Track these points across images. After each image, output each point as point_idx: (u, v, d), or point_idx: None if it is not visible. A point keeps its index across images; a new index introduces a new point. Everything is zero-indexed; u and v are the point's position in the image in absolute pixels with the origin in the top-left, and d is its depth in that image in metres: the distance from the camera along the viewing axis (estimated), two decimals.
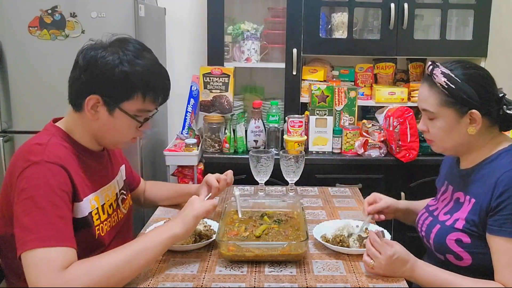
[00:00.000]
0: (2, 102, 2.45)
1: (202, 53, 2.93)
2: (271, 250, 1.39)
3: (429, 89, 1.44)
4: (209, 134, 2.66)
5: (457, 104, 1.40)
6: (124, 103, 1.36)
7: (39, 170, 1.24)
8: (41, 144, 1.31)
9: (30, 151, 1.29)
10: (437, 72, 1.41)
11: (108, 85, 1.33)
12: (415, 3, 2.72)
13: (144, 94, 1.36)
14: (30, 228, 1.18)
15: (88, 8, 2.37)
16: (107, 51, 1.33)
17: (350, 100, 2.72)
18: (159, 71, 1.41)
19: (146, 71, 1.35)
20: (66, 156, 1.33)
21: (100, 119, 1.37)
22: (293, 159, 1.92)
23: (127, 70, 1.32)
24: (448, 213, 1.49)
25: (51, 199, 1.22)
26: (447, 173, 1.62)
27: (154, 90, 1.38)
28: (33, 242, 1.17)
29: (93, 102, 1.34)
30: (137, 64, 1.34)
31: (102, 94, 1.34)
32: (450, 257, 1.43)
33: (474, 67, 1.44)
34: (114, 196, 1.55)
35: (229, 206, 1.68)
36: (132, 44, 1.38)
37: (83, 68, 1.34)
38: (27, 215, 1.20)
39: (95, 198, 1.42)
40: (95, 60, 1.32)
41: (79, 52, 1.37)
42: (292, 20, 2.71)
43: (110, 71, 1.32)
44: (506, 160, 1.39)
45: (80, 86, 1.35)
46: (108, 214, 1.49)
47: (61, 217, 1.22)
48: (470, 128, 1.41)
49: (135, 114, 1.38)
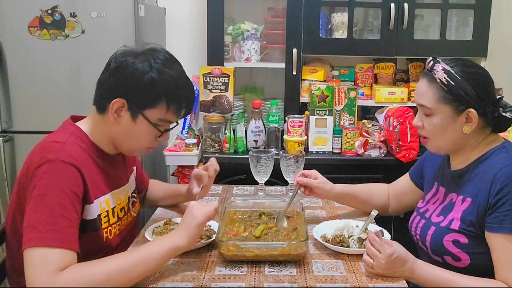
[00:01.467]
0: (2, 102, 2.45)
1: (202, 53, 2.93)
2: (271, 250, 1.39)
3: (428, 84, 1.44)
4: (209, 134, 2.66)
5: (454, 101, 1.40)
6: (147, 110, 1.37)
7: (53, 169, 1.25)
8: (58, 142, 1.32)
9: (47, 148, 1.30)
10: (438, 68, 1.41)
11: (135, 90, 1.35)
12: (415, 3, 2.73)
13: (168, 104, 1.37)
14: (35, 226, 1.19)
15: (88, 8, 2.37)
16: (138, 58, 1.36)
17: (350, 100, 2.72)
18: (186, 83, 1.42)
19: (173, 81, 1.37)
20: (81, 157, 1.34)
21: (121, 123, 1.39)
22: (293, 159, 1.92)
23: (155, 78, 1.34)
24: (441, 214, 1.48)
25: (60, 200, 1.22)
26: (435, 174, 1.61)
27: (178, 101, 1.40)
28: (35, 240, 1.17)
29: (118, 105, 1.36)
30: (165, 73, 1.36)
31: (127, 99, 1.35)
32: (448, 258, 1.43)
33: (474, 66, 1.44)
34: (126, 200, 1.56)
35: (229, 206, 1.68)
36: (163, 54, 1.40)
37: (113, 72, 1.36)
38: (34, 212, 1.21)
39: (106, 200, 1.43)
40: (126, 65, 1.35)
41: (111, 56, 1.40)
42: (292, 20, 2.71)
43: (139, 76, 1.34)
44: (501, 157, 1.39)
45: (108, 89, 1.37)
46: (118, 217, 1.49)
47: (67, 219, 1.22)
48: (465, 127, 1.41)
49: (156, 123, 1.40)
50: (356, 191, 1.78)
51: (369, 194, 1.79)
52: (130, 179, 1.61)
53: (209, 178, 1.70)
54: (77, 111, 1.54)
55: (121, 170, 1.55)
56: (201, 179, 1.69)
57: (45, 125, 2.43)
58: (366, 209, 1.79)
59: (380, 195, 1.79)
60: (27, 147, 2.55)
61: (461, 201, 1.44)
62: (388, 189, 1.81)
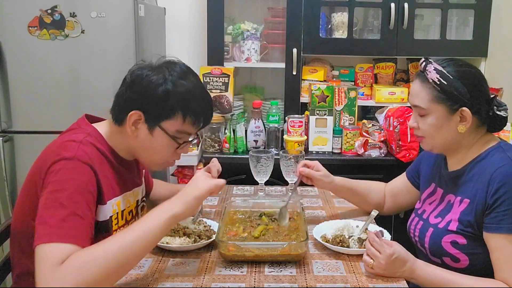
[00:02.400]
0: (2, 102, 2.45)
1: (202, 53, 2.92)
2: (271, 250, 1.39)
3: (421, 84, 1.45)
4: (209, 134, 2.66)
5: (448, 100, 1.40)
6: (164, 122, 1.37)
7: (69, 167, 1.25)
8: (75, 141, 1.32)
9: (64, 147, 1.30)
10: (430, 69, 1.42)
11: (150, 102, 1.35)
12: (415, 3, 2.73)
13: (184, 115, 1.37)
14: (48, 222, 1.18)
15: (88, 8, 2.37)
16: (154, 71, 1.37)
17: (350, 100, 2.72)
18: (202, 94, 1.42)
19: (187, 92, 1.37)
20: (97, 157, 1.33)
21: (139, 136, 1.38)
22: (293, 159, 1.92)
23: (170, 89, 1.35)
24: (439, 215, 1.48)
25: (74, 197, 1.22)
26: (432, 174, 1.61)
27: (194, 112, 1.39)
28: (47, 236, 1.16)
29: (135, 118, 1.36)
30: (180, 85, 1.36)
31: (144, 111, 1.36)
32: (446, 259, 1.43)
33: (466, 65, 1.45)
34: (134, 203, 1.55)
35: (229, 206, 1.68)
36: (179, 66, 1.41)
37: (129, 85, 1.37)
38: (48, 209, 1.20)
39: (117, 202, 1.42)
40: (141, 78, 1.36)
41: (129, 70, 1.41)
42: (292, 20, 2.71)
43: (154, 89, 1.34)
44: (497, 157, 1.40)
45: (125, 102, 1.38)
46: (126, 220, 1.48)
47: (81, 217, 1.21)
48: (460, 126, 1.42)
49: (174, 135, 1.39)
50: (354, 186, 1.79)
51: (366, 190, 1.79)
52: (142, 184, 1.61)
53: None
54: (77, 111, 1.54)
55: (134, 173, 1.55)
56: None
57: (45, 125, 2.44)
58: (362, 205, 1.80)
59: (377, 193, 1.80)
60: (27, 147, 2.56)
61: (459, 202, 1.44)
62: (385, 188, 1.81)
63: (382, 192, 1.80)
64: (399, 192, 1.77)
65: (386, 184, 1.83)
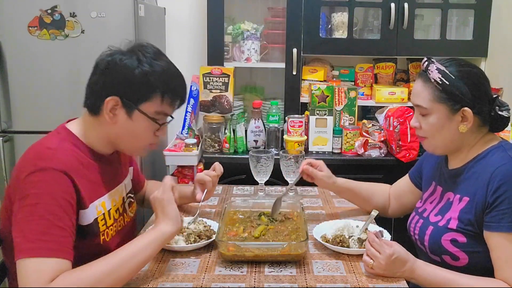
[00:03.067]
0: (2, 102, 2.45)
1: (202, 53, 2.93)
2: (271, 250, 1.39)
3: (423, 84, 1.45)
4: (209, 134, 2.66)
5: (449, 100, 1.40)
6: (142, 104, 1.36)
7: (45, 178, 1.24)
8: (50, 149, 1.31)
9: (39, 155, 1.29)
10: (432, 68, 1.42)
11: (128, 86, 1.34)
12: (415, 3, 2.73)
13: (163, 95, 1.37)
14: (28, 236, 1.18)
15: (88, 8, 2.37)
16: (126, 55, 1.36)
17: (350, 100, 2.72)
18: (177, 73, 1.43)
19: (164, 71, 1.37)
20: (74, 163, 1.32)
21: (118, 122, 1.37)
22: (293, 159, 1.92)
23: (147, 70, 1.34)
24: (439, 213, 1.49)
25: (52, 209, 1.21)
26: (433, 173, 1.62)
27: (172, 91, 1.39)
28: (29, 251, 1.16)
29: (112, 104, 1.35)
30: (156, 65, 1.36)
31: (120, 96, 1.35)
32: (446, 258, 1.43)
33: (468, 65, 1.45)
34: (121, 201, 1.55)
35: (229, 206, 1.68)
36: (150, 48, 1.40)
37: (102, 72, 1.36)
38: (27, 222, 1.19)
39: (102, 203, 1.42)
40: (115, 63, 1.35)
41: (97, 58, 1.39)
42: (292, 20, 2.71)
43: (130, 72, 1.33)
44: (497, 156, 1.40)
45: (99, 89, 1.36)
46: (114, 219, 1.48)
47: (61, 228, 1.21)
48: (461, 126, 1.42)
49: (153, 116, 1.39)
50: (357, 188, 1.79)
51: (370, 192, 1.79)
52: (125, 179, 1.60)
53: (213, 184, 1.70)
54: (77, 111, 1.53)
55: (116, 169, 1.54)
56: (205, 184, 1.69)
57: (45, 125, 2.42)
58: (365, 207, 1.79)
59: (381, 195, 1.79)
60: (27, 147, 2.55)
61: (458, 200, 1.44)
62: (389, 190, 1.81)
63: (386, 195, 1.80)
64: (403, 193, 1.76)
65: (390, 186, 1.83)
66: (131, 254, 1.25)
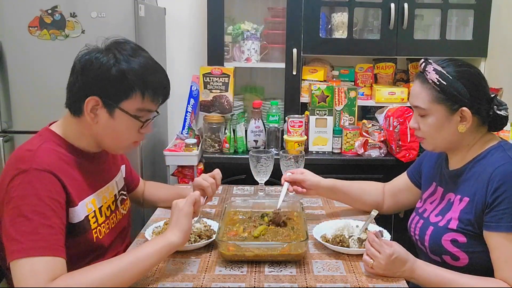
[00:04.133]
0: (2, 102, 2.45)
1: (202, 53, 2.93)
2: (271, 250, 1.39)
3: (421, 85, 1.46)
4: (209, 134, 2.66)
5: (448, 100, 1.41)
6: (123, 103, 1.34)
7: (27, 179, 1.23)
8: (30, 151, 1.29)
9: (20, 158, 1.28)
10: (429, 69, 1.43)
11: (106, 85, 1.33)
12: (415, 3, 2.73)
13: (143, 92, 1.35)
14: (16, 238, 1.17)
15: (88, 8, 2.37)
16: (103, 53, 1.34)
17: (350, 100, 2.72)
18: (156, 68, 1.40)
19: (142, 68, 1.35)
20: (57, 161, 1.31)
21: (100, 122, 1.36)
22: (293, 159, 1.92)
23: (124, 68, 1.32)
24: (440, 214, 1.49)
25: (38, 209, 1.20)
26: (434, 174, 1.62)
27: (152, 88, 1.37)
28: (19, 252, 1.16)
29: (92, 104, 1.33)
30: (133, 62, 1.34)
31: (100, 95, 1.33)
32: (446, 258, 1.43)
33: (466, 65, 1.45)
34: (112, 198, 1.54)
35: (229, 206, 1.68)
36: (128, 45, 1.39)
37: (80, 72, 1.34)
38: (13, 225, 1.18)
39: (92, 201, 1.41)
40: (91, 62, 1.33)
41: (75, 58, 1.37)
42: (292, 20, 2.71)
43: (107, 71, 1.32)
44: (497, 156, 1.40)
45: (78, 90, 1.35)
46: (106, 216, 1.47)
47: (49, 226, 1.20)
48: (460, 126, 1.42)
49: (136, 114, 1.37)
50: (345, 187, 1.78)
51: (360, 191, 1.79)
52: (116, 177, 1.59)
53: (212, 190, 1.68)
54: None
55: (105, 167, 1.53)
56: (204, 190, 1.66)
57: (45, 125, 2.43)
58: (358, 206, 1.80)
59: (373, 194, 1.79)
60: None
61: (459, 201, 1.44)
62: (384, 188, 1.81)
63: (379, 192, 1.80)
64: (399, 191, 1.77)
65: (385, 184, 1.83)
66: (136, 260, 1.24)
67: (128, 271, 1.22)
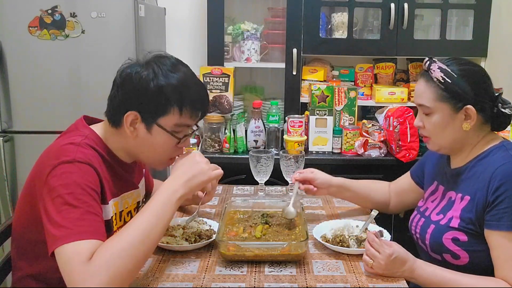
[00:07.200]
0: (2, 102, 2.45)
1: (202, 53, 2.92)
2: (271, 250, 1.39)
3: (425, 84, 1.46)
4: (209, 134, 2.66)
5: (452, 99, 1.41)
6: (161, 118, 1.34)
7: (70, 169, 1.24)
8: (73, 144, 1.30)
9: (62, 151, 1.29)
10: (434, 67, 1.43)
11: (144, 100, 1.33)
12: (415, 3, 2.73)
13: (180, 108, 1.34)
14: (62, 224, 1.17)
15: (88, 8, 2.37)
16: (143, 68, 1.34)
17: (350, 100, 2.72)
18: (195, 84, 1.40)
19: (180, 84, 1.34)
20: (95, 159, 1.32)
21: (138, 136, 1.36)
22: (293, 159, 1.92)
23: (162, 84, 1.32)
24: (441, 212, 1.49)
25: (83, 197, 1.21)
26: (435, 172, 1.62)
27: (190, 103, 1.36)
28: (65, 238, 1.15)
29: (132, 118, 1.34)
30: (171, 77, 1.33)
31: (139, 110, 1.33)
32: (447, 256, 1.43)
33: (470, 64, 1.46)
34: (134, 205, 1.54)
35: (229, 206, 1.68)
36: (168, 59, 1.38)
37: (120, 86, 1.35)
38: (59, 213, 1.19)
39: (115, 203, 1.42)
40: (130, 77, 1.33)
41: (117, 71, 1.38)
42: (292, 20, 2.71)
43: (145, 85, 1.32)
44: (498, 156, 1.41)
45: (118, 103, 1.35)
46: (125, 221, 1.46)
47: (92, 213, 1.21)
48: (465, 124, 1.43)
49: (173, 130, 1.36)
50: (353, 186, 1.79)
51: (367, 190, 1.79)
52: (140, 184, 1.59)
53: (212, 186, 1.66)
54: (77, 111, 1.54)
55: (132, 175, 1.53)
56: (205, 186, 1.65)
57: (45, 125, 2.44)
58: (365, 205, 1.80)
59: (380, 192, 1.80)
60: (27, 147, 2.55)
61: (460, 199, 1.45)
62: (389, 187, 1.81)
63: (386, 191, 1.80)
64: (403, 191, 1.77)
65: (390, 183, 1.83)
66: (157, 220, 1.23)
67: (156, 228, 1.22)
